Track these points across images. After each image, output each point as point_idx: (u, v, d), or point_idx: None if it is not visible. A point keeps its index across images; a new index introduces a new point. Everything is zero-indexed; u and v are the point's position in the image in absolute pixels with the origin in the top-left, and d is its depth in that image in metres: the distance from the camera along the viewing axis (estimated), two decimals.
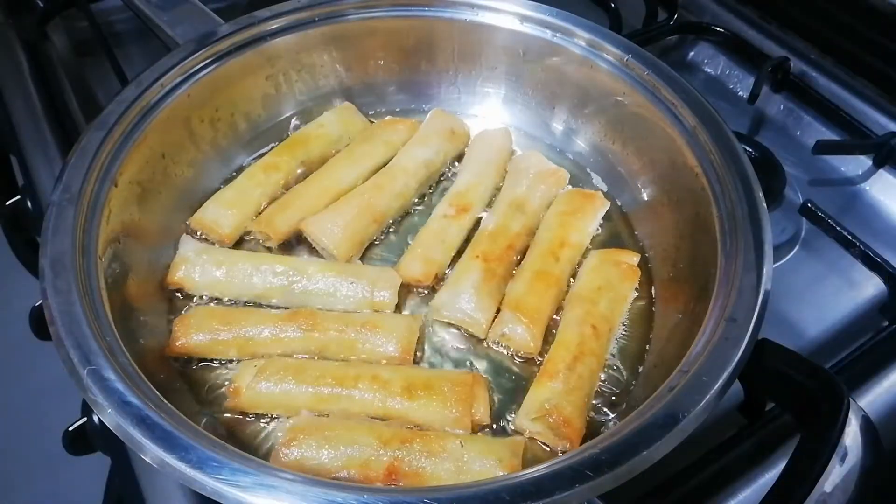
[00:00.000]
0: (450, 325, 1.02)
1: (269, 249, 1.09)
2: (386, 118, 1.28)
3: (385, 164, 1.19)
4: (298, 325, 0.96)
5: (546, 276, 1.02)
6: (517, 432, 0.91)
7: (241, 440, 0.89)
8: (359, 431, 0.85)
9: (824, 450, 0.70)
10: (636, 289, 1.04)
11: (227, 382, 0.93)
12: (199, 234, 1.09)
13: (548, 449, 0.89)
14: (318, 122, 1.23)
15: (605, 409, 0.94)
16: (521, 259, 1.08)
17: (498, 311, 1.01)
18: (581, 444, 0.78)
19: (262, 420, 0.91)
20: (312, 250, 1.10)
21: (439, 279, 1.06)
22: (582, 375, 0.91)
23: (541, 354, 0.98)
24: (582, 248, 1.09)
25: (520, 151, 1.24)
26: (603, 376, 0.96)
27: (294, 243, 1.11)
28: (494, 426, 0.92)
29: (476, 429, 0.90)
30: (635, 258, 1.06)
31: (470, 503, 0.65)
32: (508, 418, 0.93)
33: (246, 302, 1.03)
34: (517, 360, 0.99)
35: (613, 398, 0.95)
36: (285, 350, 0.96)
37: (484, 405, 0.91)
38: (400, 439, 0.84)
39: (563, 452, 0.85)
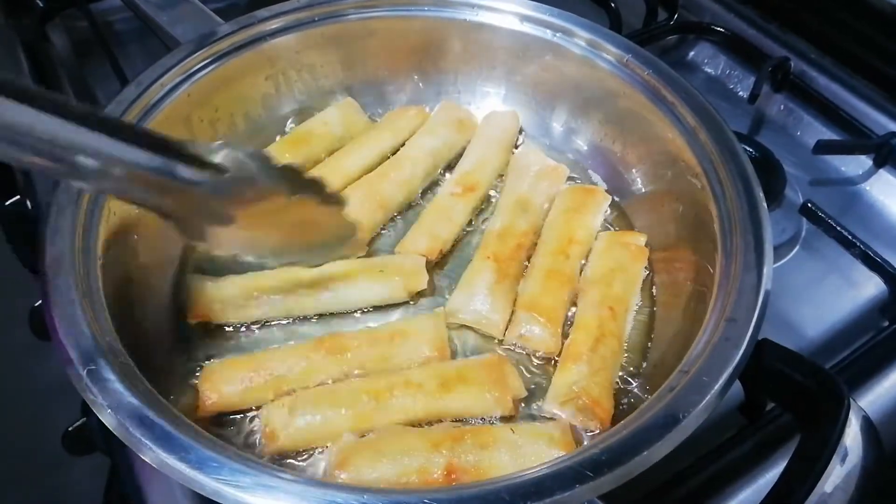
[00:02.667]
0: (466, 327, 1.02)
1: None
2: (396, 109, 1.29)
3: (392, 152, 1.20)
4: (327, 350, 0.93)
5: (558, 274, 1.03)
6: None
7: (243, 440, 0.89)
8: (409, 438, 0.84)
9: (824, 450, 0.70)
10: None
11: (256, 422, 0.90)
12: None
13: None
14: (320, 118, 1.22)
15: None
16: (530, 258, 1.08)
17: (513, 311, 1.01)
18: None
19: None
20: None
21: (443, 255, 1.07)
22: (605, 356, 0.93)
23: (558, 354, 0.98)
24: (589, 243, 1.09)
25: (517, 150, 1.24)
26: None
27: None
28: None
29: (516, 405, 0.91)
30: (642, 239, 1.08)
31: (470, 503, 0.65)
32: (534, 412, 0.93)
33: (275, 321, 1.01)
34: (535, 360, 0.99)
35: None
36: (322, 380, 0.92)
37: (516, 380, 0.92)
38: (451, 438, 0.83)
39: (594, 433, 0.88)
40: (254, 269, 1.03)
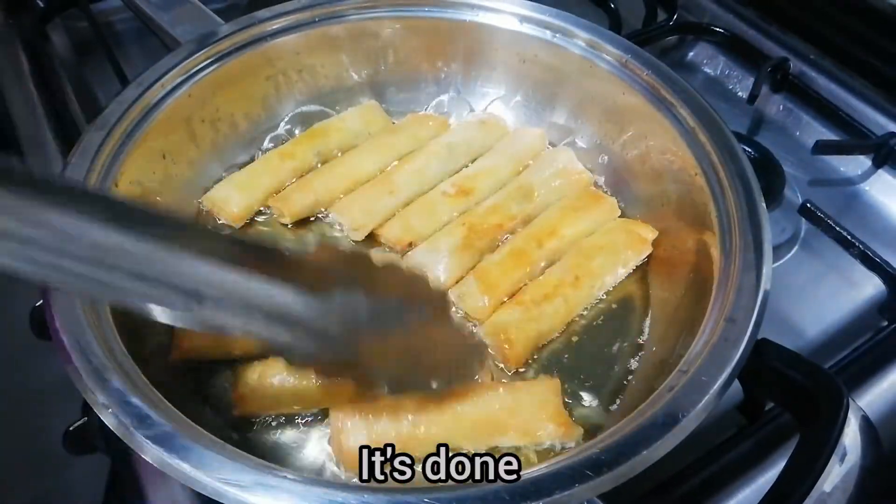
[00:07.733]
0: None
1: (284, 226, 1.12)
2: (419, 113, 1.29)
3: (408, 155, 1.22)
4: None
5: (521, 255, 1.04)
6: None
7: (246, 441, 0.89)
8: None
9: (824, 450, 0.70)
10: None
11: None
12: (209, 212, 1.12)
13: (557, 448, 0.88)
14: (340, 116, 1.25)
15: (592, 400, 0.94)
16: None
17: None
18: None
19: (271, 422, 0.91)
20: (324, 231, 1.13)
21: (413, 247, 1.08)
22: (544, 313, 0.97)
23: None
24: (572, 243, 1.07)
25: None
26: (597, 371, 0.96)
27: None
28: None
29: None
30: (651, 234, 1.07)
31: (470, 503, 0.65)
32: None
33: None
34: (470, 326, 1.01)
35: (605, 394, 0.95)
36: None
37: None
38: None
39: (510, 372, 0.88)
40: None
